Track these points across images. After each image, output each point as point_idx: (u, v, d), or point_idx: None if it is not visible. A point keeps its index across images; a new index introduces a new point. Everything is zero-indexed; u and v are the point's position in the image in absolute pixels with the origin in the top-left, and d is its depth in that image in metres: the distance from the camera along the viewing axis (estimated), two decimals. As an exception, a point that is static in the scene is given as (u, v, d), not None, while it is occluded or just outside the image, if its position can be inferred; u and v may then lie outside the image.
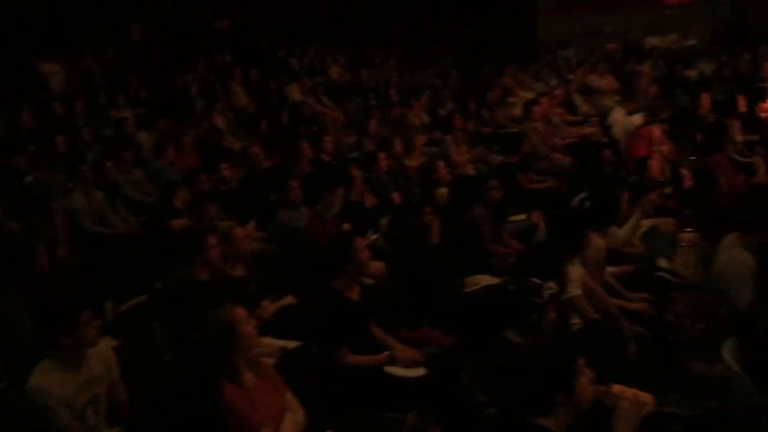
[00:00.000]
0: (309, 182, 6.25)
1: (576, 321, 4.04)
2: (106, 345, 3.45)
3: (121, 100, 10.14)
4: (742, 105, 8.72)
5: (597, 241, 4.54)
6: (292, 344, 3.96)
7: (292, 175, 6.40)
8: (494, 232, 5.60)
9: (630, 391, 2.79)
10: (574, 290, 4.03)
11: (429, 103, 10.86)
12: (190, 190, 6.25)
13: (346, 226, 5.50)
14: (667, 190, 7.08)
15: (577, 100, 11.33)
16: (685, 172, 7.23)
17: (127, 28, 13.65)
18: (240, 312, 3.10)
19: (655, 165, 7.01)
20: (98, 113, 9.90)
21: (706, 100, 8.97)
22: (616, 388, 2.81)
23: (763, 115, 8.88)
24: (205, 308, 3.19)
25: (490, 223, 5.56)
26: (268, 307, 4.44)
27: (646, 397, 2.80)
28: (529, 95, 11.03)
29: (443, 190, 6.03)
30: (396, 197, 6.64)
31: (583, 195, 5.60)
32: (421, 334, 4.24)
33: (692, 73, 12.72)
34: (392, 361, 3.80)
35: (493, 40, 16.13)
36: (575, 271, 4.08)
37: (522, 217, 6.46)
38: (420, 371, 3.76)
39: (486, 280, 4.80)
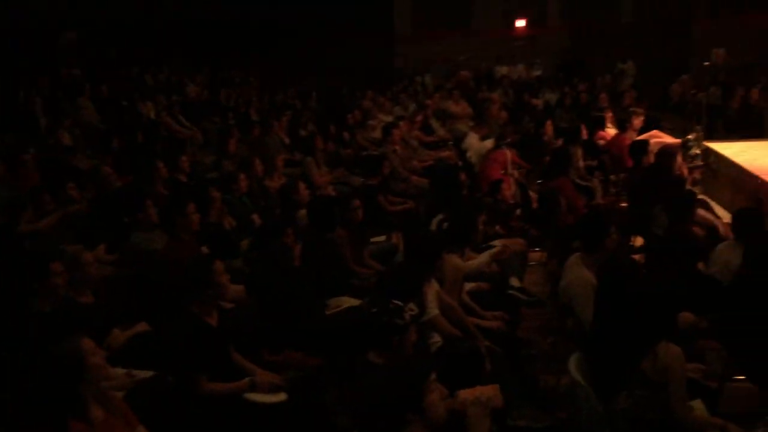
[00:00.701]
0: (165, 203, 6.01)
1: (436, 340, 4.14)
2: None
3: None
4: (583, 132, 9.36)
5: (455, 262, 4.69)
6: (144, 374, 3.77)
7: (146, 195, 6.13)
8: (355, 253, 5.65)
9: (473, 393, 2.88)
10: (433, 311, 4.13)
11: (289, 123, 10.82)
12: (35, 211, 5.83)
13: (205, 249, 5.34)
14: (518, 211, 7.49)
15: (434, 124, 11.73)
16: (532, 194, 7.67)
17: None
18: (87, 342, 2.91)
19: (507, 188, 7.37)
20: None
21: (549, 127, 9.57)
22: (461, 394, 2.90)
23: (601, 142, 9.60)
24: (48, 340, 2.97)
25: (351, 245, 5.61)
26: (119, 336, 4.20)
27: (490, 391, 2.91)
28: (388, 118, 11.29)
29: (304, 212, 6.00)
30: (256, 219, 6.53)
31: (440, 216, 5.79)
32: (283, 357, 4.18)
33: (538, 102, 13.55)
34: (253, 386, 3.71)
35: (352, 63, 16.40)
36: (432, 291, 4.18)
37: (382, 238, 6.58)
38: (281, 396, 3.71)
39: (348, 301, 4.82)
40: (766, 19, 14.97)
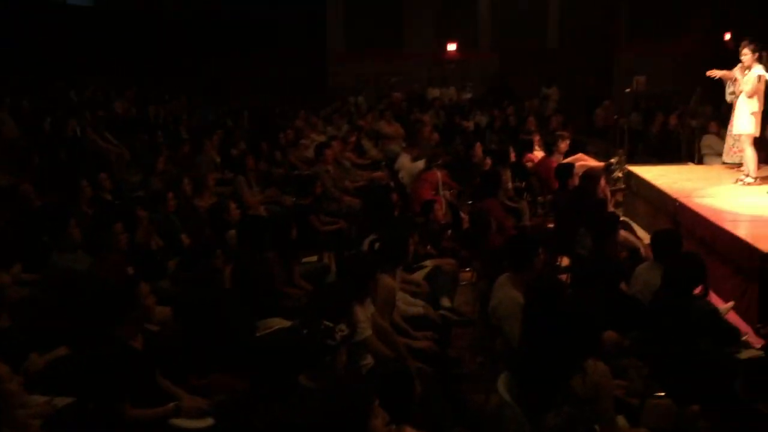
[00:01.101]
0: (89, 222, 5.82)
1: (368, 361, 4.13)
2: None
3: None
4: (512, 155, 9.58)
5: (387, 282, 4.70)
6: (65, 401, 3.62)
7: (70, 214, 5.93)
8: (286, 273, 5.60)
9: None
10: (366, 331, 4.12)
11: (221, 142, 10.68)
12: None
13: (130, 270, 5.19)
14: (449, 232, 7.57)
15: (367, 144, 11.79)
16: (463, 215, 7.78)
17: None
18: (2, 368, 2.78)
19: (438, 208, 7.46)
20: None
21: (479, 149, 9.76)
22: (408, 430, 2.91)
23: (529, 164, 9.84)
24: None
25: (282, 265, 5.55)
26: (37, 361, 4.02)
27: None
28: (320, 138, 11.28)
29: (234, 232, 5.92)
30: (185, 239, 6.40)
31: (372, 236, 5.81)
32: (211, 381, 4.09)
33: (469, 124, 13.80)
34: (178, 412, 3.62)
35: (285, 82, 16.35)
36: (364, 311, 4.18)
37: (314, 258, 6.54)
38: (208, 421, 3.62)
39: (278, 323, 4.76)
40: (682, 48, 15.74)
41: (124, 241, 5.28)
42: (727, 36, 14.01)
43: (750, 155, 8.10)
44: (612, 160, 9.94)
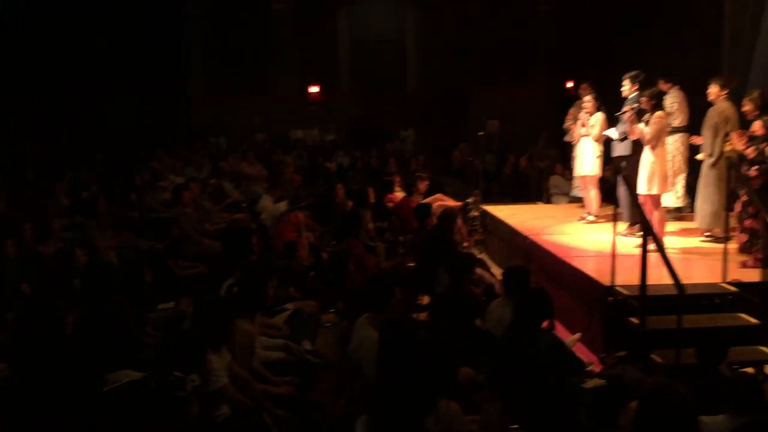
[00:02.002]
0: None
1: (223, 411, 3.98)
2: None
3: None
4: (372, 195, 9.74)
5: (245, 328, 4.58)
6: None
7: None
8: (139, 321, 5.33)
9: None
10: (221, 380, 3.98)
11: (70, 185, 10.12)
12: None
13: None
14: (311, 273, 7.55)
15: (228, 186, 11.58)
16: (325, 256, 7.79)
17: None
18: None
19: (302, 249, 7.42)
20: None
21: (341, 190, 9.87)
22: None
23: (390, 204, 10.04)
24: None
25: (135, 313, 5.29)
26: None
27: None
28: (179, 180, 10.96)
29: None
30: (25, 288, 5.97)
31: (231, 281, 5.67)
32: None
33: (332, 165, 13.93)
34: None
35: (143, 122, 15.81)
36: (220, 359, 4.04)
37: (171, 304, 6.29)
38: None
39: (128, 375, 4.49)
40: (530, 94, 16.81)
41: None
42: (569, 84, 15.10)
43: (593, 195, 8.68)
44: (469, 200, 10.35)
